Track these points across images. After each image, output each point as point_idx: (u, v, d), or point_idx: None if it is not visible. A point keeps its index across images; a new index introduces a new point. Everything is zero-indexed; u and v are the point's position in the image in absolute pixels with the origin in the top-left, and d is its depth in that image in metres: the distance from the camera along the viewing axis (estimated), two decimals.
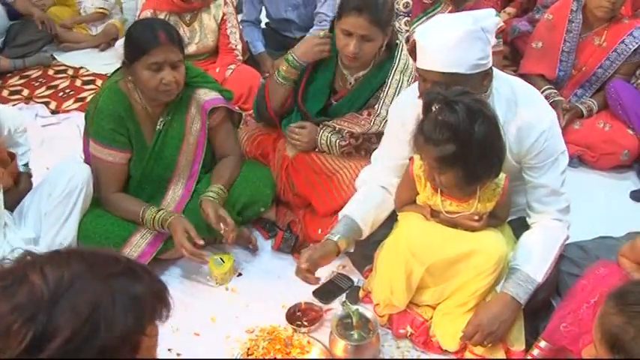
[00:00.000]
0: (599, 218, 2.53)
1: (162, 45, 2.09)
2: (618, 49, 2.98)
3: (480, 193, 1.87)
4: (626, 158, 2.93)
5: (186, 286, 2.30)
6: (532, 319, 1.97)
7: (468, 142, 1.65)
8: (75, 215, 2.20)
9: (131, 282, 0.92)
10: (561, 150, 1.94)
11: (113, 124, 2.22)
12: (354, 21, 2.13)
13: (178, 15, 3.35)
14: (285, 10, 3.72)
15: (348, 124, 2.35)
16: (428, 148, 1.70)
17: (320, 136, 2.36)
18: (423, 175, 1.92)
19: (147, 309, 0.91)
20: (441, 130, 1.66)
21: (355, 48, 2.17)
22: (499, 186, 1.88)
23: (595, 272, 1.85)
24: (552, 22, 3.13)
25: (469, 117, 1.64)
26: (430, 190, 1.93)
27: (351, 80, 2.39)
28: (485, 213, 1.90)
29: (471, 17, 1.78)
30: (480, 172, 1.74)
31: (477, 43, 1.75)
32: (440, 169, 1.73)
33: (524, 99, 1.91)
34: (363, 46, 2.18)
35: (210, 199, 2.25)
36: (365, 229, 2.07)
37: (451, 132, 1.65)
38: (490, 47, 1.80)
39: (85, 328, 0.84)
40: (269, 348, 1.98)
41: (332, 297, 2.20)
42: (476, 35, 1.74)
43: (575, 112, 3.02)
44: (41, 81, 4.01)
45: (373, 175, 2.15)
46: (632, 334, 1.15)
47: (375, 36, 2.18)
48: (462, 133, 1.64)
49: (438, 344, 1.99)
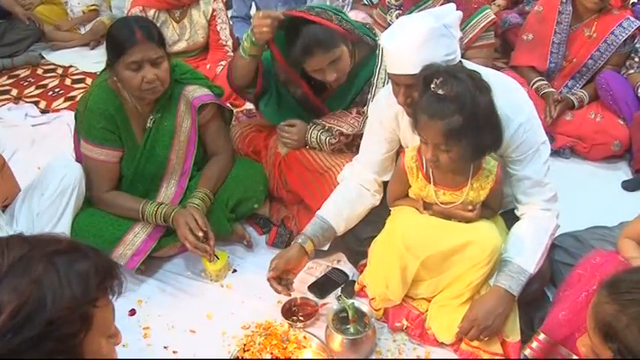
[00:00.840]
0: (591, 208, 2.54)
1: (139, 43, 2.07)
2: (608, 40, 3.00)
3: (472, 181, 1.88)
4: (617, 148, 2.95)
5: (181, 283, 2.29)
6: (526, 310, 1.98)
7: (475, 111, 1.65)
8: (68, 215, 2.19)
9: (74, 258, 0.96)
10: (542, 140, 1.94)
11: (104, 123, 2.21)
12: (313, 62, 2.13)
13: (168, 12, 3.34)
14: (276, 6, 3.71)
15: (337, 122, 2.34)
16: (434, 123, 1.68)
17: (310, 134, 2.36)
18: (415, 166, 1.92)
19: (92, 282, 0.95)
20: (445, 103, 1.65)
21: (331, 74, 2.16)
22: (492, 173, 1.88)
23: (591, 261, 1.86)
24: (542, 14, 3.14)
25: (473, 87, 1.65)
26: (423, 181, 1.93)
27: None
28: (479, 202, 1.91)
29: (431, 16, 1.78)
30: (487, 142, 1.74)
31: (442, 39, 1.76)
32: (447, 144, 1.71)
33: (501, 91, 1.88)
34: (337, 67, 2.16)
35: (196, 206, 2.24)
36: (339, 228, 2.12)
37: (458, 103, 1.64)
38: (456, 41, 1.81)
39: (29, 304, 0.88)
40: (265, 343, 1.98)
41: (327, 291, 2.20)
42: (439, 32, 1.75)
43: (567, 103, 3.04)
44: (30, 80, 3.99)
45: (352, 171, 2.20)
46: (625, 322, 1.16)
47: (339, 53, 2.15)
48: (469, 103, 1.64)
49: (434, 337, 1.99)
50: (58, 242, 0.98)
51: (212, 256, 2.20)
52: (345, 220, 2.13)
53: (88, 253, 0.99)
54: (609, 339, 1.18)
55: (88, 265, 0.96)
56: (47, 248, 0.95)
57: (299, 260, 2.05)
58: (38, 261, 0.92)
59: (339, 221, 2.12)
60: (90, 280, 0.95)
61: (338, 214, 2.12)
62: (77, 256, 0.97)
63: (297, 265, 2.07)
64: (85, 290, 0.93)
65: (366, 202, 2.17)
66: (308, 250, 2.06)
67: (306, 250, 2.05)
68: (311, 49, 2.10)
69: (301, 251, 2.05)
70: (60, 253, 0.95)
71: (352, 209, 2.14)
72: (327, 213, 2.12)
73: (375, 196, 2.18)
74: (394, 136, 2.10)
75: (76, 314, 0.91)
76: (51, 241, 0.97)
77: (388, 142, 2.11)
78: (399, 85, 1.84)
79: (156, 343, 2.05)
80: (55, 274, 0.91)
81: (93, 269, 0.96)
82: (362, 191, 2.16)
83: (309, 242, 2.06)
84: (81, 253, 0.98)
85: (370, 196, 2.17)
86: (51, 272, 0.91)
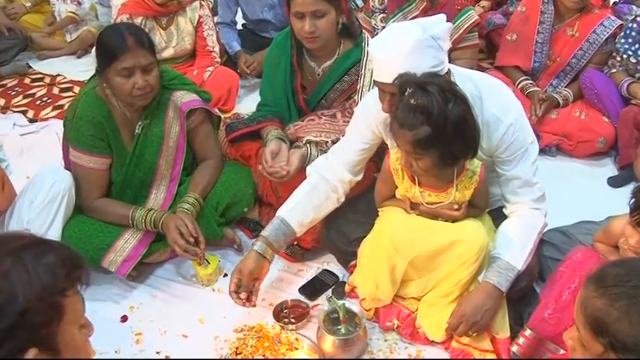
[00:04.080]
0: (578, 205, 2.56)
1: (131, 50, 2.08)
2: (590, 39, 3.04)
3: (457, 182, 1.90)
4: (602, 145, 2.98)
5: (172, 288, 2.29)
6: (516, 307, 2.00)
7: (443, 123, 1.66)
8: (58, 222, 2.19)
9: (40, 251, 0.99)
10: (530, 140, 1.97)
11: (92, 130, 2.21)
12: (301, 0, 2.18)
13: (154, 19, 3.35)
14: (262, 11, 3.73)
15: (327, 134, 2.35)
16: (403, 133, 1.71)
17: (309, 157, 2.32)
18: (400, 168, 1.94)
19: (60, 273, 0.99)
20: (414, 113, 1.67)
21: (310, 27, 2.21)
22: (475, 173, 1.90)
23: (572, 258, 1.88)
24: (525, 14, 3.17)
25: (442, 98, 1.66)
26: (408, 183, 1.95)
27: (319, 72, 2.43)
28: (465, 202, 1.93)
29: (420, 26, 1.79)
30: (457, 152, 1.75)
31: (429, 51, 1.77)
32: (416, 153, 1.74)
33: (488, 93, 1.92)
34: (318, 23, 2.22)
35: (186, 211, 2.25)
36: (300, 231, 2.10)
37: (425, 115, 1.66)
38: (444, 53, 1.82)
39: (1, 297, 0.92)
40: (257, 346, 1.99)
41: (318, 293, 2.22)
42: (426, 44, 1.76)
43: (552, 102, 3.07)
44: (17, 90, 3.98)
45: (326, 166, 2.15)
46: (616, 316, 1.16)
47: (326, 10, 2.21)
48: (436, 115, 1.66)
49: (425, 335, 2.01)
50: (22, 238, 1.02)
51: (202, 259, 2.20)
52: (307, 226, 2.11)
53: (53, 246, 1.03)
54: (600, 333, 1.18)
55: (54, 257, 1.00)
56: (12, 244, 0.99)
57: (262, 269, 2.05)
58: (5, 256, 0.96)
59: (302, 226, 2.09)
60: (57, 270, 0.98)
61: (303, 219, 2.09)
62: (43, 249, 1.00)
63: (261, 274, 2.06)
64: (53, 280, 0.97)
65: (331, 206, 2.14)
66: (269, 258, 2.05)
67: (266, 258, 2.04)
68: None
69: (263, 260, 2.03)
70: (26, 247, 0.99)
71: (317, 214, 2.11)
72: (291, 216, 2.08)
73: (341, 198, 2.15)
74: (377, 139, 2.11)
75: (46, 303, 0.95)
76: (15, 237, 1.01)
77: (370, 144, 2.11)
78: (385, 92, 1.85)
79: (148, 348, 2.05)
80: (22, 267, 0.95)
81: (60, 261, 1.00)
82: (329, 194, 2.11)
83: (268, 249, 2.04)
84: (46, 246, 1.02)
85: (335, 200, 2.13)
86: (18, 266, 0.95)
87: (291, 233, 2.08)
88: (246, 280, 2.00)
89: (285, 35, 2.46)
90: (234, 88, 3.52)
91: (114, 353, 2.03)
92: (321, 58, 2.41)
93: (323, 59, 2.41)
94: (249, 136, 2.50)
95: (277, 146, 2.28)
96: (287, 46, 2.42)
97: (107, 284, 2.30)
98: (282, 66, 2.44)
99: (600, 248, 1.93)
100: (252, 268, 2.01)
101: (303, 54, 2.43)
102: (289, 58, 2.42)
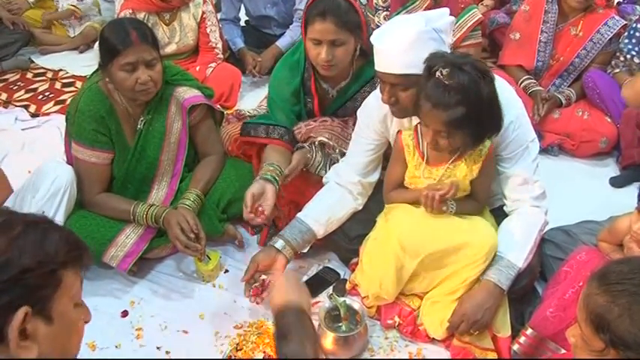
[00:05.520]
0: (580, 205, 2.56)
1: (134, 45, 2.08)
2: (594, 39, 3.03)
3: (466, 156, 1.89)
4: (604, 146, 2.98)
5: (173, 284, 2.29)
6: (517, 305, 2.00)
7: (478, 102, 1.68)
8: (59, 217, 2.18)
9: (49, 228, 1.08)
10: (531, 138, 1.97)
11: (95, 125, 2.21)
12: (320, 27, 2.09)
13: (157, 14, 3.35)
14: (265, 7, 3.73)
15: (337, 138, 2.33)
16: (436, 112, 1.71)
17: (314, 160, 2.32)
18: (412, 144, 1.94)
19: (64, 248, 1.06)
20: (451, 93, 1.67)
21: (327, 55, 2.11)
22: (485, 147, 1.89)
23: (576, 258, 1.89)
24: (529, 13, 3.17)
25: (477, 78, 1.68)
26: (418, 159, 1.95)
27: (333, 93, 2.38)
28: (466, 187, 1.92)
29: (423, 18, 1.81)
30: (487, 130, 1.78)
31: (430, 43, 1.78)
32: (448, 132, 1.74)
33: None
34: (335, 52, 2.13)
35: (187, 207, 2.25)
36: (318, 231, 2.14)
37: (462, 94, 1.67)
38: (446, 46, 1.83)
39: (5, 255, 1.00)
40: (258, 342, 2.00)
41: (319, 290, 2.21)
42: (428, 36, 1.77)
43: (554, 101, 3.06)
44: (20, 84, 3.97)
45: (337, 172, 2.21)
46: (617, 313, 1.17)
47: (345, 39, 2.12)
48: (473, 95, 1.67)
49: (426, 333, 2.01)
50: (36, 216, 1.11)
51: (203, 255, 2.20)
52: (325, 225, 2.14)
53: (61, 228, 1.12)
54: (601, 330, 1.19)
55: (60, 234, 1.08)
56: (27, 217, 1.08)
57: (273, 261, 2.08)
58: (17, 224, 1.04)
59: (318, 225, 2.13)
60: (62, 245, 1.06)
61: (318, 217, 2.13)
62: (51, 226, 1.09)
63: (271, 266, 2.08)
64: (56, 252, 1.04)
65: (348, 205, 2.18)
66: (285, 253, 2.08)
67: (281, 251, 2.08)
68: (325, 14, 2.07)
69: (276, 253, 2.08)
70: (36, 222, 1.07)
71: (333, 213, 2.15)
72: (307, 216, 2.13)
73: (358, 199, 2.20)
74: (382, 138, 2.12)
75: (46, 268, 1.02)
76: (31, 214, 1.11)
77: (375, 144, 2.13)
78: (385, 83, 1.86)
79: (149, 343, 2.05)
80: (31, 235, 1.03)
81: (64, 238, 1.08)
82: (344, 194, 2.17)
83: (286, 245, 2.08)
84: (54, 225, 1.10)
85: (352, 200, 2.19)
86: (28, 234, 1.03)
87: (308, 230, 2.11)
88: (252, 267, 2.04)
89: (295, 56, 2.36)
90: (237, 85, 3.52)
91: (114, 348, 2.03)
92: (334, 80, 2.34)
93: (336, 81, 2.34)
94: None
95: (260, 189, 2.13)
96: (298, 69, 2.34)
97: (108, 279, 2.30)
98: (292, 89, 2.36)
99: (604, 247, 1.93)
100: (261, 258, 2.06)
101: (316, 76, 2.35)
102: (300, 81, 2.34)
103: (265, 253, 2.09)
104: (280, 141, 2.32)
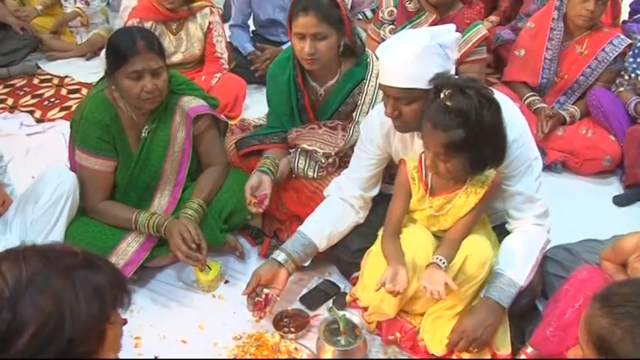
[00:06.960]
0: (583, 223, 2.55)
1: (141, 53, 2.09)
2: (599, 57, 3.04)
3: (467, 185, 1.89)
4: (608, 164, 2.97)
5: (173, 293, 2.29)
6: (517, 323, 1.99)
7: (479, 128, 1.67)
8: (61, 223, 2.19)
9: (91, 273, 0.97)
10: (534, 156, 1.97)
11: (99, 132, 2.22)
12: (303, 21, 2.17)
13: (164, 24, 3.37)
14: (274, 12, 3.75)
15: (321, 144, 2.36)
16: (436, 134, 1.70)
17: (296, 163, 2.38)
18: (417, 176, 1.94)
19: (108, 298, 0.97)
20: (450, 115, 1.67)
21: (310, 48, 2.19)
22: (488, 178, 1.88)
23: (577, 277, 1.87)
24: (534, 30, 3.18)
25: (480, 103, 1.67)
26: (422, 191, 1.95)
27: (321, 92, 2.42)
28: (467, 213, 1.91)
29: (429, 33, 1.81)
30: (487, 158, 1.76)
31: (435, 58, 1.78)
32: (446, 155, 1.73)
33: None
34: (318, 46, 2.20)
35: (189, 217, 2.25)
36: (320, 244, 2.14)
37: (462, 117, 1.66)
38: (451, 62, 1.83)
39: (50, 322, 0.89)
40: (257, 354, 1.99)
41: (319, 303, 2.21)
42: (433, 51, 1.78)
43: (558, 118, 3.06)
44: (26, 90, 4.00)
45: (338, 186, 2.22)
46: (620, 336, 1.16)
47: (327, 33, 2.19)
48: (473, 119, 1.66)
49: (425, 348, 1.99)
50: (74, 255, 0.99)
51: (204, 265, 2.20)
52: (327, 238, 2.14)
53: (103, 267, 1.01)
54: (603, 352, 1.18)
55: (103, 279, 0.98)
56: (64, 262, 0.97)
57: (275, 276, 2.08)
58: (57, 276, 0.93)
59: (320, 238, 2.13)
60: (106, 296, 0.97)
61: (320, 230, 2.14)
62: (93, 270, 0.98)
63: (273, 281, 2.08)
64: (101, 307, 0.95)
65: (350, 219, 2.18)
66: (287, 267, 2.08)
67: (283, 265, 2.08)
68: (307, 9, 2.16)
69: (278, 267, 2.08)
70: (77, 267, 0.97)
71: (335, 226, 2.15)
72: (309, 229, 2.13)
73: (359, 213, 2.20)
74: (384, 153, 2.12)
75: (94, 333, 0.94)
76: (67, 254, 0.99)
77: (377, 159, 2.14)
78: (389, 96, 1.87)
79: (147, 353, 2.04)
80: (72, 289, 0.93)
81: (108, 284, 0.98)
82: (346, 208, 2.17)
83: (287, 259, 2.08)
84: (96, 266, 0.99)
85: (354, 214, 2.19)
86: (69, 288, 0.93)
87: (310, 244, 2.11)
88: (254, 281, 2.04)
89: (286, 55, 2.45)
90: (241, 95, 3.53)
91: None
92: (321, 79, 2.39)
93: (324, 79, 2.39)
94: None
95: (257, 181, 2.27)
96: (288, 66, 2.41)
97: None
98: (281, 85, 2.43)
99: (607, 267, 1.91)
100: (263, 271, 2.06)
101: (305, 74, 2.41)
102: (288, 77, 2.41)
103: (267, 267, 2.08)
104: (274, 144, 2.42)
